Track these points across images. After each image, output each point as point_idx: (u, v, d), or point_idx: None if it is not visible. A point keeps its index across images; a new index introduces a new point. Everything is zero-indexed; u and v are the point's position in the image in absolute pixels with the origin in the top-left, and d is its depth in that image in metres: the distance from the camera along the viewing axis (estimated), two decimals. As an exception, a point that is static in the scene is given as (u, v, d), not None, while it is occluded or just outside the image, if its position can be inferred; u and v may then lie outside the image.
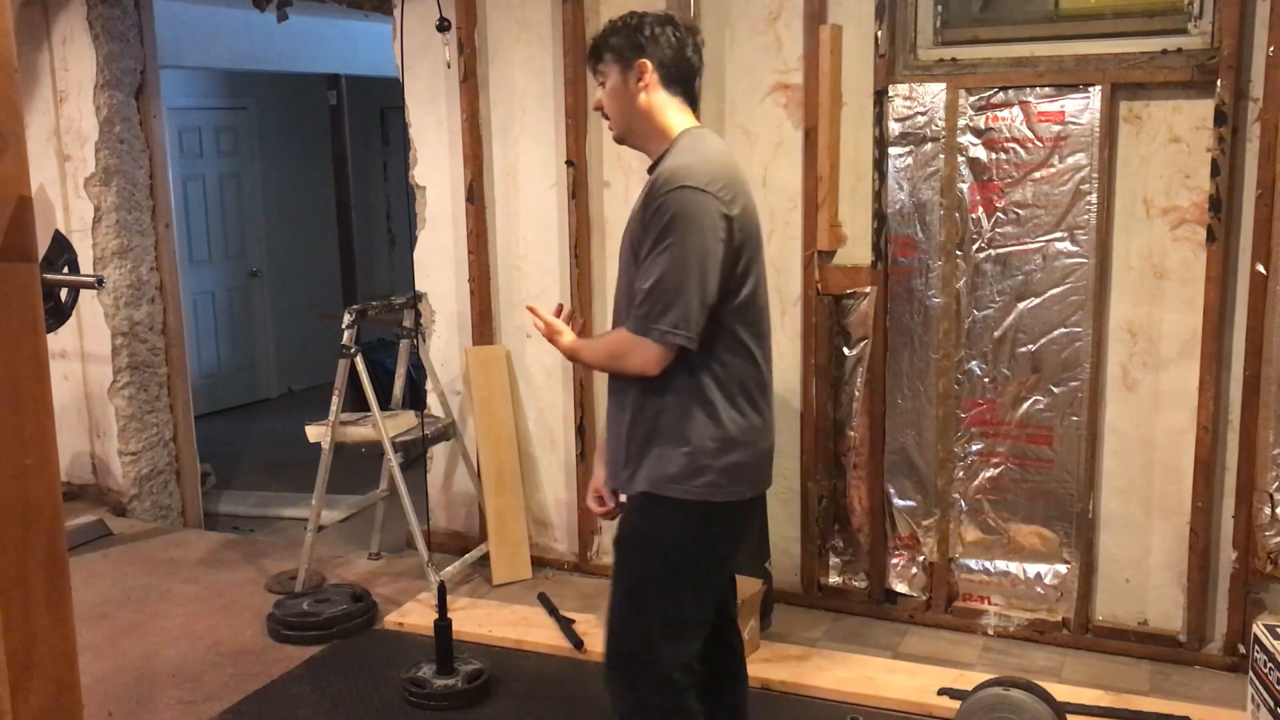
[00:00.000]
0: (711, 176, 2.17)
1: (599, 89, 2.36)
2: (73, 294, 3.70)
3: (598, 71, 2.36)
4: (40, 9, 4.71)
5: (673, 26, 2.35)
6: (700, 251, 2.13)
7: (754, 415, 2.26)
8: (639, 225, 2.21)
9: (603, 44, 2.34)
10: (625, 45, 2.31)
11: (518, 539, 4.13)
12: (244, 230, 7.47)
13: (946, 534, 3.57)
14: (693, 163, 2.19)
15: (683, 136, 2.29)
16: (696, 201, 2.14)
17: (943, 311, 3.47)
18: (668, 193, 2.14)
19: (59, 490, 1.77)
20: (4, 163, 1.60)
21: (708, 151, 2.26)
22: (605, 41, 2.34)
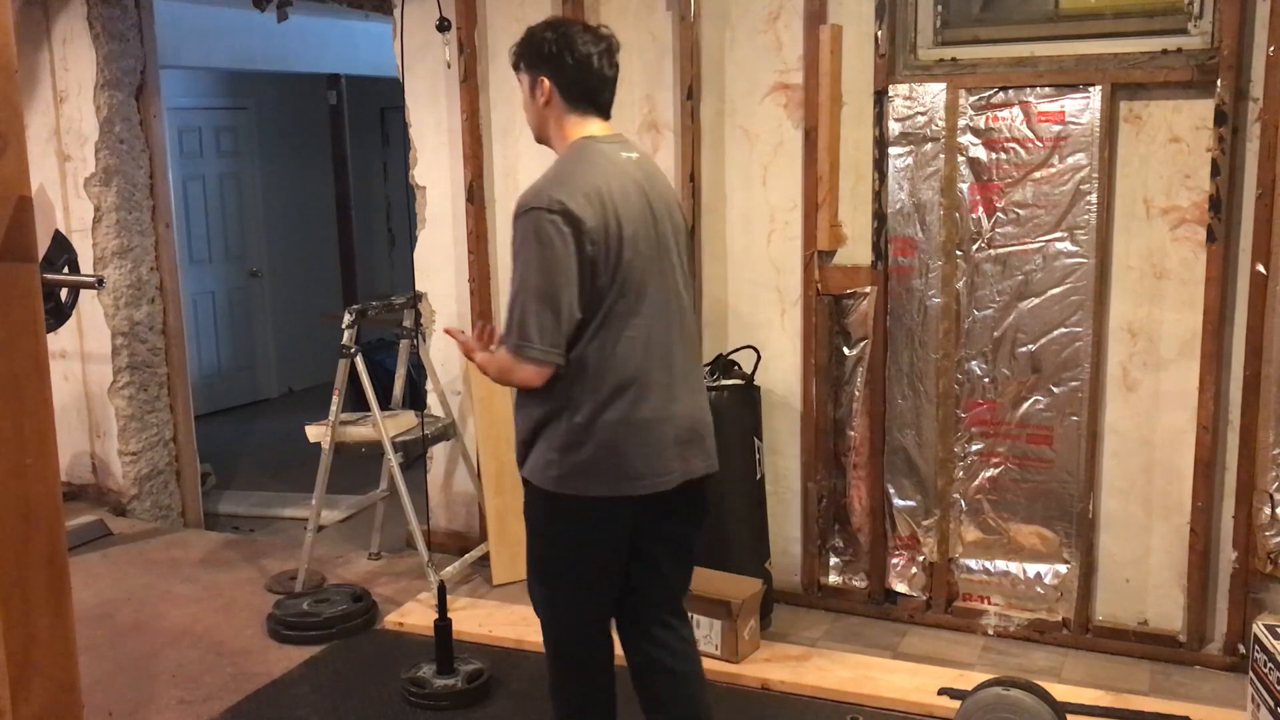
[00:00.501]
0: (556, 195, 2.27)
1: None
2: (73, 294, 3.71)
3: (518, 77, 2.50)
4: (40, 9, 4.71)
5: (582, 40, 2.40)
6: (547, 272, 2.24)
7: (633, 412, 2.33)
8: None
9: (514, 52, 2.49)
10: (531, 59, 2.44)
11: (518, 539, 4.12)
12: (244, 230, 7.47)
13: (946, 534, 3.57)
14: (544, 184, 2.33)
15: (571, 147, 2.41)
16: (538, 223, 2.25)
17: (943, 311, 3.47)
18: (517, 217, 2.30)
19: (59, 490, 1.77)
20: (4, 163, 1.60)
21: (571, 165, 2.37)
22: (515, 50, 2.48)
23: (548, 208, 2.26)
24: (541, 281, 2.25)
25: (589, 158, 2.39)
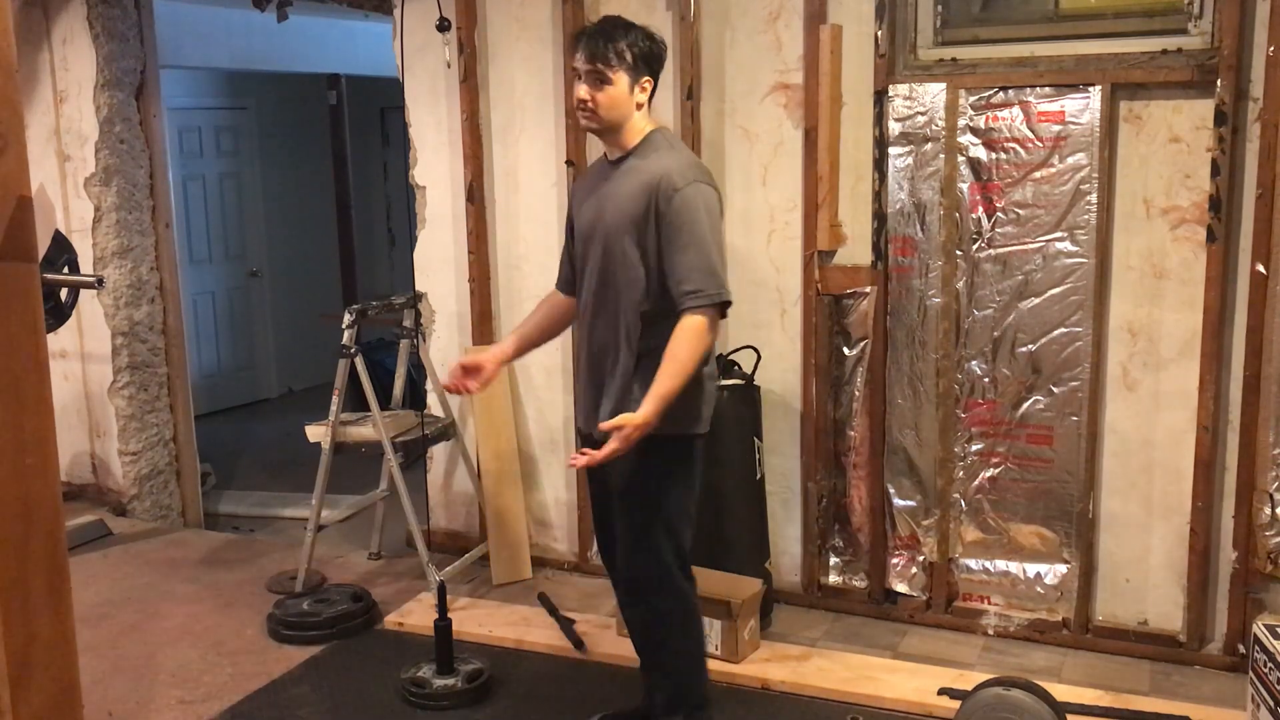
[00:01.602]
0: (706, 171, 2.68)
1: (589, 82, 2.59)
2: (73, 294, 3.71)
3: (602, 69, 2.57)
4: (40, 9, 4.71)
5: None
6: (717, 234, 2.63)
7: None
8: (644, 212, 2.57)
9: (625, 49, 2.58)
10: (648, 60, 2.63)
11: (518, 539, 4.13)
12: (244, 230, 7.46)
13: (946, 534, 3.57)
14: (684, 162, 2.64)
15: (656, 134, 2.69)
16: (705, 193, 2.60)
17: (943, 311, 3.47)
18: (676, 189, 2.56)
19: (59, 490, 1.78)
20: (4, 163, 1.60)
21: (682, 149, 2.73)
22: (620, 47, 2.58)
23: (708, 182, 2.63)
24: (718, 240, 2.61)
25: (682, 144, 2.80)
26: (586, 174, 2.91)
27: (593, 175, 2.83)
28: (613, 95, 2.60)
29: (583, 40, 2.62)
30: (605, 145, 2.73)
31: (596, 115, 2.62)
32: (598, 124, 2.65)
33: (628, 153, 2.67)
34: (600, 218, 2.68)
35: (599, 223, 2.68)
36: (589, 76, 2.60)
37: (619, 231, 2.62)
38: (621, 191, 2.64)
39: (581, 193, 2.82)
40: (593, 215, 2.71)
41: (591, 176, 2.83)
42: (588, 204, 2.75)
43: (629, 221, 2.61)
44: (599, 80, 2.59)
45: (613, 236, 2.64)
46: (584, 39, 2.62)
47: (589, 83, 2.60)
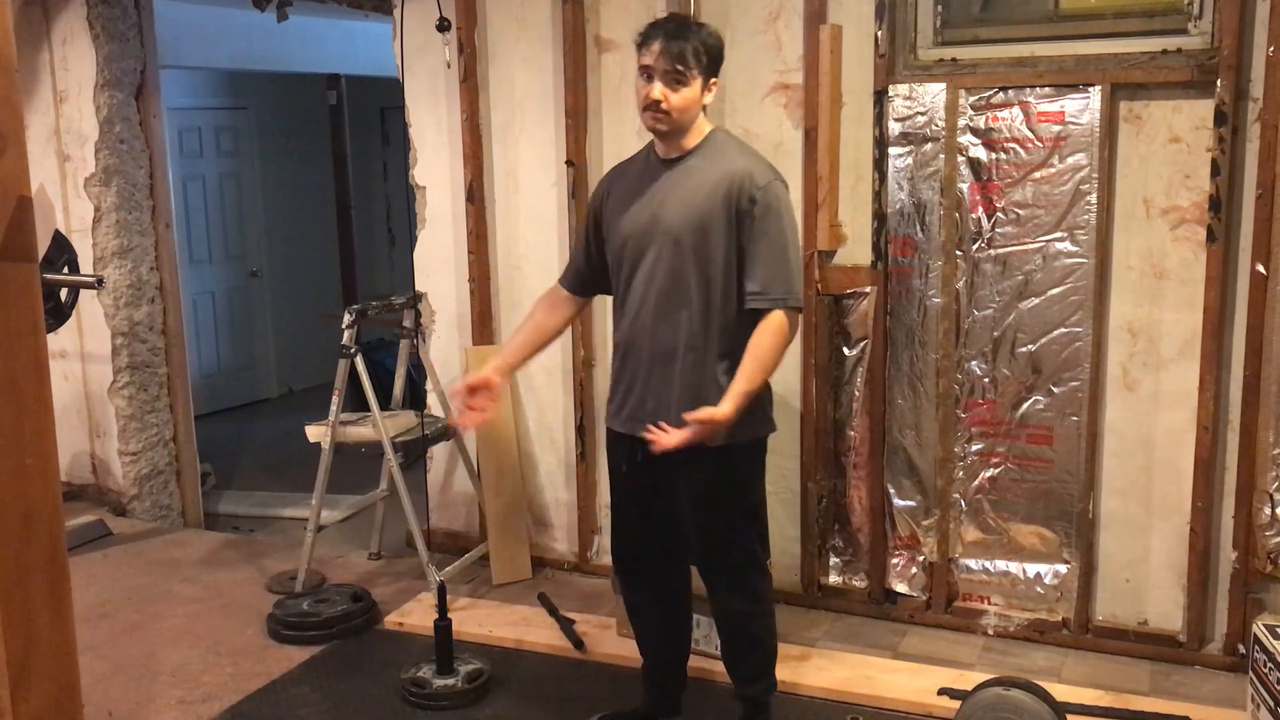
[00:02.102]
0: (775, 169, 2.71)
1: (665, 83, 2.55)
2: (73, 294, 3.71)
3: (682, 70, 2.54)
4: (40, 9, 4.71)
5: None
6: (794, 232, 2.68)
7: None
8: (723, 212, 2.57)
9: (701, 49, 2.56)
10: (715, 61, 2.62)
11: (518, 539, 4.13)
12: (244, 230, 7.47)
13: (946, 534, 3.57)
14: (758, 159, 2.68)
15: (719, 134, 2.70)
16: (783, 192, 2.64)
17: (943, 311, 3.47)
18: (759, 187, 2.58)
19: (59, 490, 1.77)
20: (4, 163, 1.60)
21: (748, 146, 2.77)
22: (697, 47, 2.56)
23: (783, 181, 2.65)
24: (796, 241, 2.66)
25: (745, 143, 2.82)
26: (622, 173, 2.82)
27: (633, 174, 2.76)
28: (687, 97, 2.57)
29: (659, 38, 2.55)
30: (661, 144, 2.68)
31: (669, 116, 2.57)
32: (668, 125, 2.60)
33: (686, 152, 2.65)
34: (660, 217, 2.63)
35: (658, 222, 2.63)
36: (666, 77, 2.55)
37: (691, 231, 2.59)
38: (688, 191, 2.61)
39: (621, 192, 2.75)
40: (647, 215, 2.65)
41: (632, 176, 2.76)
42: (636, 204, 2.68)
43: (703, 221, 2.58)
44: (676, 81, 2.55)
45: (683, 236, 2.60)
46: (660, 37, 2.55)
47: (666, 83, 2.55)
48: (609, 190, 2.81)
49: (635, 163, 2.80)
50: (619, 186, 2.78)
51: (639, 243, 2.67)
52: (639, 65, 2.60)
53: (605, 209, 2.78)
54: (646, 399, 2.70)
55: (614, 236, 2.74)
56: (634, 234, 2.68)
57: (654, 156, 2.72)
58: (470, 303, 4.11)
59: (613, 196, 2.78)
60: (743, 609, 2.84)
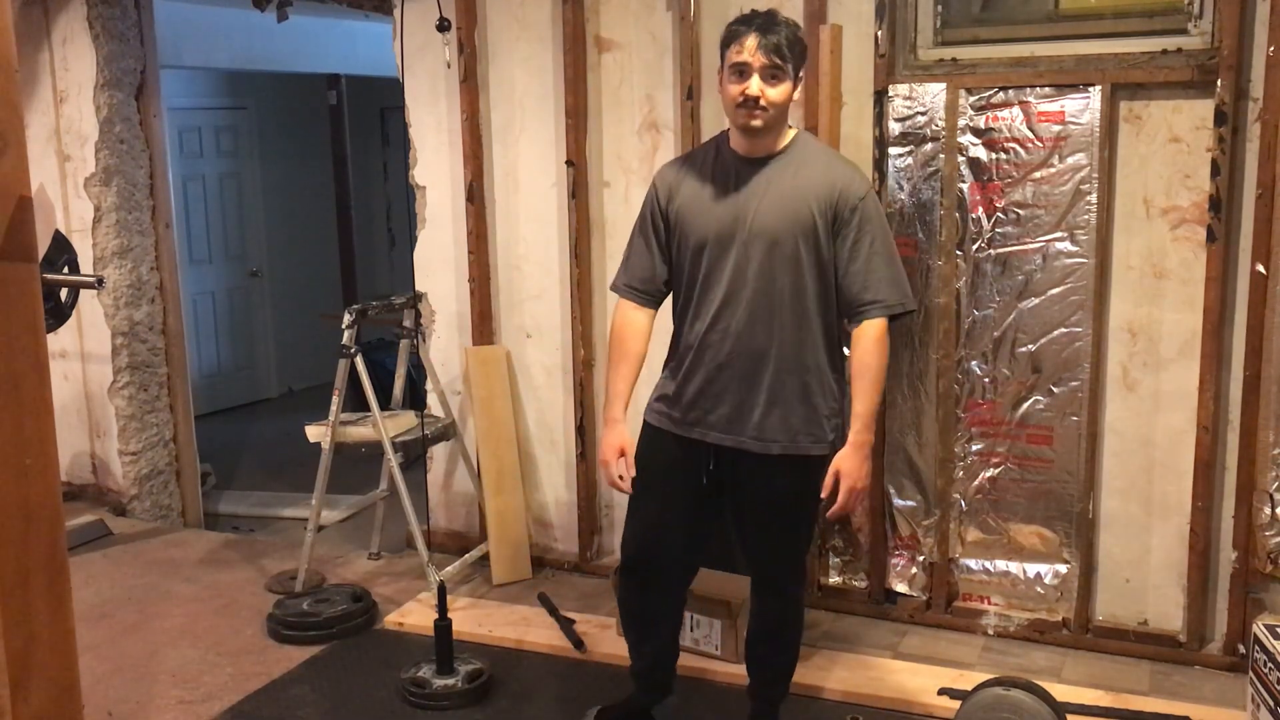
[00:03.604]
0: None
1: (765, 78, 2.48)
2: (73, 294, 3.70)
3: (780, 64, 2.49)
4: (40, 9, 4.71)
5: None
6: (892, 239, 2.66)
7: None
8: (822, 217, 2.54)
9: (794, 46, 2.52)
10: (802, 56, 2.56)
11: (518, 539, 4.13)
12: (244, 230, 7.47)
13: (946, 534, 3.57)
14: (851, 166, 2.67)
15: (805, 135, 2.68)
16: (877, 199, 2.65)
17: (943, 311, 3.47)
18: (862, 198, 2.56)
19: (59, 490, 1.77)
20: (4, 163, 1.60)
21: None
22: (795, 44, 2.52)
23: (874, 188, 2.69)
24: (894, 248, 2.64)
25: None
26: (686, 170, 2.70)
27: (704, 171, 2.65)
28: (785, 92, 2.51)
29: (754, 33, 2.47)
30: (750, 143, 2.57)
31: (767, 113, 2.50)
32: (765, 121, 2.51)
33: (776, 153, 2.59)
34: (750, 218, 2.55)
35: (748, 224, 2.55)
36: (765, 72, 2.47)
37: (787, 235, 2.53)
38: (783, 193, 2.55)
39: (693, 189, 2.65)
40: (732, 216, 2.57)
41: (703, 173, 2.65)
42: (718, 202, 2.60)
43: (800, 225, 2.53)
44: (774, 77, 2.48)
45: (778, 239, 2.53)
46: (755, 30, 2.48)
47: (765, 79, 2.48)
48: (675, 187, 2.68)
49: (700, 160, 2.69)
50: (687, 183, 2.67)
51: (722, 243, 2.58)
52: (730, 63, 2.50)
53: (675, 207, 2.67)
54: (722, 406, 2.62)
55: (688, 235, 2.63)
56: (718, 234, 2.58)
57: (730, 154, 2.62)
58: (470, 303, 4.11)
59: (682, 194, 2.66)
60: (783, 614, 2.83)
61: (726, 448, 2.64)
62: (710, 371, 2.62)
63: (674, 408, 2.70)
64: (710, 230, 2.59)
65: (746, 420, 2.60)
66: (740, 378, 2.60)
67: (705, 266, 2.61)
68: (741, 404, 2.60)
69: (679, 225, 2.66)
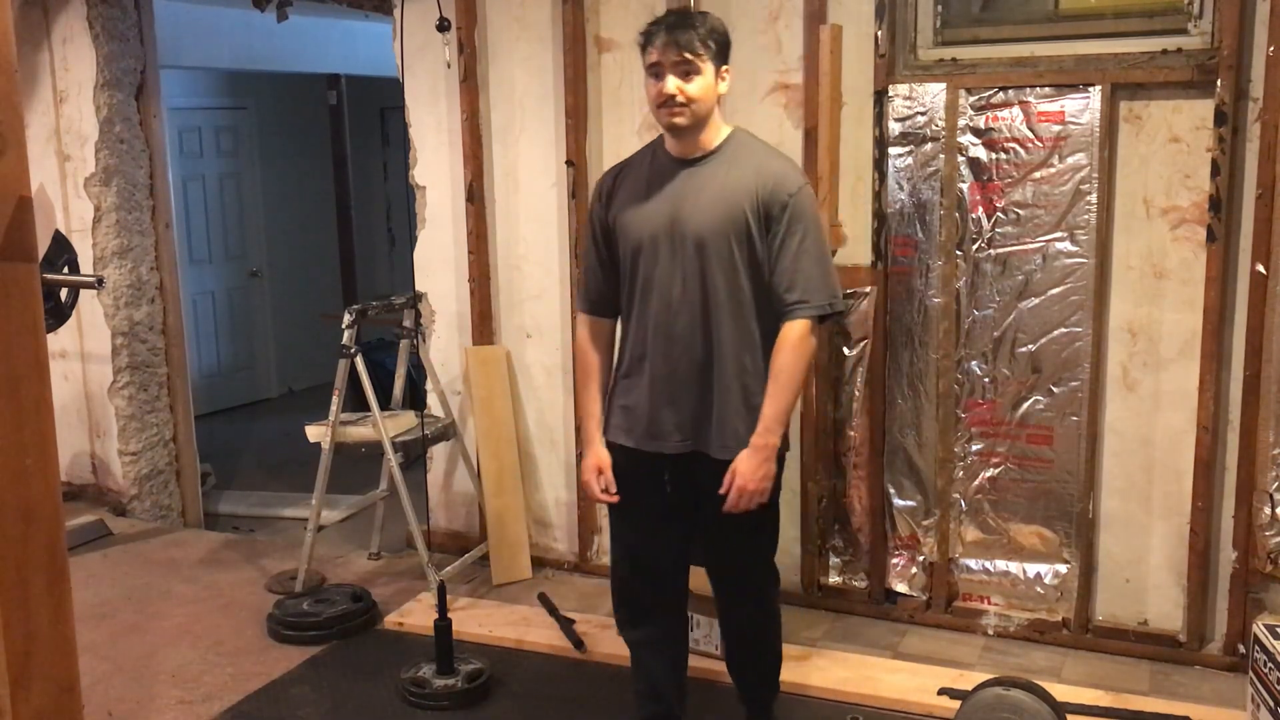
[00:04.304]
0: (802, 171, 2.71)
1: (677, 74, 2.45)
2: (73, 294, 3.70)
3: (690, 59, 2.46)
4: (40, 9, 4.71)
5: None
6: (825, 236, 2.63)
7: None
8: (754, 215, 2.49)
9: (706, 36, 2.48)
10: (722, 48, 2.53)
11: (518, 539, 4.13)
12: (244, 230, 7.47)
13: (946, 534, 3.57)
14: (789, 161, 2.63)
15: (741, 133, 2.61)
16: (812, 195, 2.59)
17: (943, 311, 3.47)
18: (791, 194, 2.50)
19: (59, 490, 1.77)
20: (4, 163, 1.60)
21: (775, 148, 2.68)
22: (708, 36, 2.48)
23: (809, 184, 2.59)
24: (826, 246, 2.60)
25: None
26: (623, 174, 2.67)
27: (640, 175, 2.62)
28: (703, 86, 2.47)
29: (662, 31, 2.47)
30: (681, 143, 2.54)
31: (687, 109, 2.46)
32: (687, 119, 2.48)
33: (709, 152, 2.55)
34: (683, 220, 2.51)
35: (681, 225, 2.51)
36: (677, 68, 2.45)
37: (720, 235, 2.49)
38: (715, 193, 2.51)
39: (628, 193, 2.62)
40: (665, 218, 2.53)
41: (638, 176, 2.63)
42: (650, 205, 2.56)
43: (733, 225, 2.49)
44: (688, 72, 2.45)
45: (713, 240, 2.49)
46: (663, 30, 2.47)
47: (678, 75, 2.45)
48: (612, 193, 2.66)
49: (638, 163, 2.67)
50: (624, 188, 2.64)
51: (657, 246, 2.54)
52: (647, 65, 2.50)
53: (611, 213, 2.65)
54: (675, 414, 2.57)
55: (625, 240, 2.60)
56: (651, 237, 2.55)
57: (664, 155, 2.60)
58: (470, 303, 4.11)
59: (618, 199, 2.64)
60: (756, 617, 2.79)
61: (683, 455, 2.59)
62: (657, 380, 2.58)
63: (628, 420, 2.65)
64: (645, 233, 2.56)
65: (699, 427, 2.56)
66: (686, 383, 2.55)
67: (643, 271, 2.57)
68: (691, 410, 2.56)
69: (617, 233, 2.63)
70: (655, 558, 2.73)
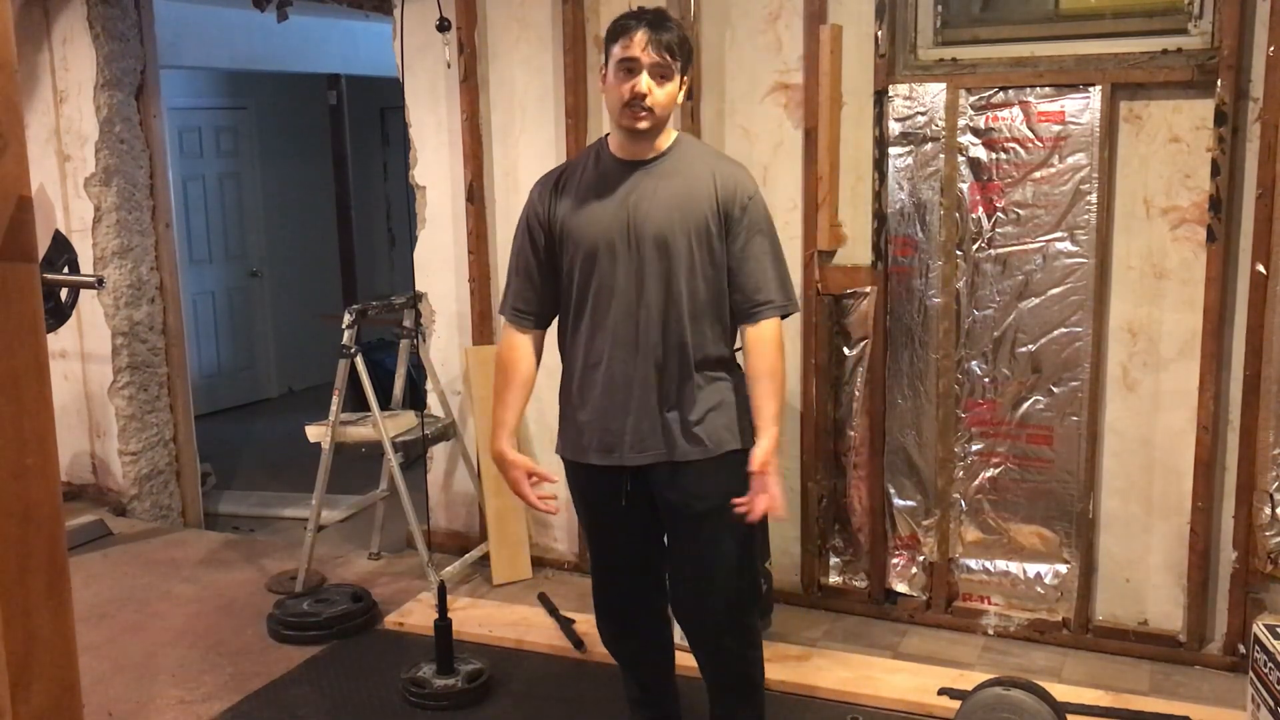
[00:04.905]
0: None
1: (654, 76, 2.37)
2: (73, 294, 3.70)
3: (669, 61, 2.39)
4: (40, 9, 4.71)
5: None
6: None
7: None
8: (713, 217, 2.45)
9: (683, 46, 2.43)
10: (688, 56, 2.47)
11: (518, 539, 4.13)
12: (244, 230, 7.47)
13: (946, 534, 3.57)
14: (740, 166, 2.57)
15: (685, 136, 2.57)
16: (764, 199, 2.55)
17: (943, 311, 3.47)
18: (750, 197, 2.48)
19: (59, 490, 1.77)
20: (4, 163, 1.60)
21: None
22: (683, 43, 2.43)
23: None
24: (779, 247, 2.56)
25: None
26: (565, 179, 2.56)
27: (585, 178, 2.52)
28: (670, 92, 2.40)
29: (644, 28, 2.36)
30: (628, 144, 2.46)
31: (653, 114, 2.38)
32: (651, 123, 2.39)
33: (660, 154, 2.47)
34: (639, 222, 2.43)
35: (637, 228, 2.43)
36: (655, 70, 2.36)
37: (679, 237, 2.42)
38: (671, 195, 2.44)
39: (575, 198, 2.51)
40: (619, 221, 2.44)
41: (583, 180, 2.52)
42: (601, 209, 2.47)
43: (693, 226, 2.43)
44: (662, 76, 2.37)
45: (673, 240, 2.42)
46: (645, 27, 2.36)
47: (653, 76, 2.36)
48: (555, 199, 2.54)
49: (580, 168, 2.56)
50: (568, 193, 2.53)
51: (613, 251, 2.45)
52: (617, 60, 2.38)
53: (556, 218, 2.52)
54: (635, 422, 2.47)
55: (575, 246, 2.49)
56: (606, 241, 2.45)
57: (609, 158, 2.50)
58: (470, 303, 4.11)
59: (564, 204, 2.52)
60: (743, 652, 2.64)
61: (645, 466, 2.50)
62: (616, 388, 2.48)
63: (577, 435, 2.56)
64: (599, 238, 2.45)
65: (663, 433, 2.47)
66: (646, 388, 2.46)
67: (597, 277, 2.47)
68: (651, 417, 2.47)
69: (564, 238, 2.52)
70: (628, 572, 2.66)
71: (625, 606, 2.71)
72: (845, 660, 3.37)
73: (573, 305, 2.54)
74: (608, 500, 2.56)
